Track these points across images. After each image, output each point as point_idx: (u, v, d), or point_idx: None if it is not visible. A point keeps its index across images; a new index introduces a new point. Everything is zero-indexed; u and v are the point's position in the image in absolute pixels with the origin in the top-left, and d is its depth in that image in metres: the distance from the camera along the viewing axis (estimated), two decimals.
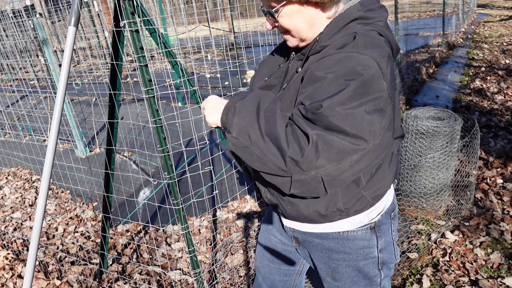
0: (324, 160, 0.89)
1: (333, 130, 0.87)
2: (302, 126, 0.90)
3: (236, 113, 0.99)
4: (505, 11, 14.22)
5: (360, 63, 0.89)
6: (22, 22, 6.54)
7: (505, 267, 2.18)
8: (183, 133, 3.84)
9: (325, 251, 1.20)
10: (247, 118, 0.97)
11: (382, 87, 0.90)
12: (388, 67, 0.93)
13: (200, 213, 3.03)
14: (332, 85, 0.89)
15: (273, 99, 1.01)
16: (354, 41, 0.94)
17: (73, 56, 4.72)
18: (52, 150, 1.27)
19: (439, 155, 2.53)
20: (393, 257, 1.23)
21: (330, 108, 0.86)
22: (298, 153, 0.89)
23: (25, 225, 3.26)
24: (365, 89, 0.88)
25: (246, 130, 0.96)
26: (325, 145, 0.88)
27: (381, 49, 0.93)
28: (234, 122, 0.98)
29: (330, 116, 0.87)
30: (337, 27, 1.00)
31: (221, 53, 9.79)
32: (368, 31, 0.97)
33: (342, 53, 0.92)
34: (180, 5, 6.33)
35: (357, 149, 0.89)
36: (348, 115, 0.86)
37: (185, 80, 1.76)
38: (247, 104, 1.00)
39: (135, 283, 2.38)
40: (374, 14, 1.02)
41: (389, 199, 1.20)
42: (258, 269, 1.50)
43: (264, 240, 1.45)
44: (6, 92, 6.69)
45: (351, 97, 0.87)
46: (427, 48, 8.26)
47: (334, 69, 0.90)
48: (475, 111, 4.54)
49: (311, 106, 0.91)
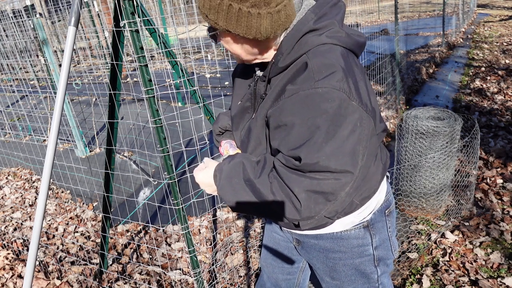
0: (321, 206, 0.93)
1: (319, 171, 0.90)
2: (288, 183, 0.93)
3: (222, 193, 1.04)
4: (505, 11, 14.22)
5: (323, 99, 0.87)
6: (22, 22, 6.54)
7: (505, 267, 2.18)
8: (183, 133, 3.84)
9: (322, 251, 1.21)
10: (234, 196, 1.02)
11: (353, 109, 0.89)
12: (351, 82, 0.90)
13: (200, 213, 3.03)
14: (303, 130, 0.90)
15: (243, 166, 1.02)
16: (308, 71, 0.91)
17: (73, 56, 4.72)
18: (52, 150, 1.27)
19: (439, 155, 2.53)
20: (390, 253, 1.23)
21: (309, 157, 0.89)
22: (295, 212, 0.94)
23: (25, 225, 3.26)
24: (336, 125, 0.87)
25: (241, 207, 1.02)
26: (315, 194, 0.91)
27: (338, 70, 0.89)
28: (226, 201, 1.04)
29: (312, 164, 0.89)
30: (290, 45, 0.96)
31: (221, 53, 9.78)
32: (321, 48, 0.94)
33: (302, 91, 0.90)
34: (180, 5, 6.33)
35: (345, 184, 0.92)
36: (328, 156, 0.88)
37: (185, 80, 1.76)
38: (226, 184, 1.03)
39: (135, 283, 2.38)
40: (326, 21, 0.96)
41: (381, 197, 1.19)
42: (263, 268, 1.52)
43: (267, 239, 1.46)
44: (6, 92, 6.68)
45: (324, 139, 0.88)
46: (427, 48, 8.26)
47: (299, 113, 0.90)
48: (475, 111, 4.54)
49: (290, 155, 0.93)
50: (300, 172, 0.92)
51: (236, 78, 1.24)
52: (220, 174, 1.05)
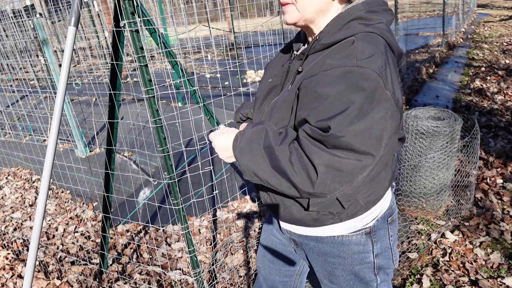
0: (336, 185, 0.91)
1: (342, 149, 0.89)
2: (309, 154, 0.91)
3: (239, 156, 1.03)
4: (505, 11, 14.22)
5: (362, 78, 0.88)
6: (22, 22, 6.54)
7: (505, 267, 2.18)
8: (183, 133, 3.84)
9: (321, 254, 1.20)
10: (251, 161, 1.00)
11: (386, 97, 0.90)
12: (389, 74, 0.93)
13: (200, 213, 3.03)
14: (336, 103, 0.89)
15: (266, 133, 1.01)
16: (352, 49, 0.93)
17: (73, 56, 4.72)
18: (52, 150, 1.27)
19: (439, 155, 2.53)
20: (391, 263, 1.22)
21: (339, 129, 0.87)
22: (309, 185, 0.92)
23: (25, 225, 3.26)
24: (370, 105, 0.88)
25: (255, 172, 1.00)
26: (334, 171, 0.90)
27: (380, 57, 0.92)
28: (241, 164, 1.02)
29: (339, 137, 0.88)
30: (337, 26, 0.99)
31: (221, 53, 9.78)
32: (369, 34, 0.96)
33: (342, 67, 0.91)
34: (180, 5, 6.33)
35: (366, 166, 0.91)
36: (356, 133, 0.87)
37: (185, 80, 1.77)
38: (245, 147, 1.02)
39: (135, 283, 2.38)
40: (376, 16, 1.00)
41: (385, 204, 1.19)
42: (259, 270, 1.50)
43: (265, 240, 1.45)
44: (6, 92, 6.68)
45: (357, 115, 0.87)
46: (427, 48, 8.26)
47: (336, 86, 0.90)
48: (475, 111, 4.54)
49: (318, 126, 0.91)
50: (323, 146, 0.91)
51: (269, 65, 1.27)
52: (242, 137, 1.04)
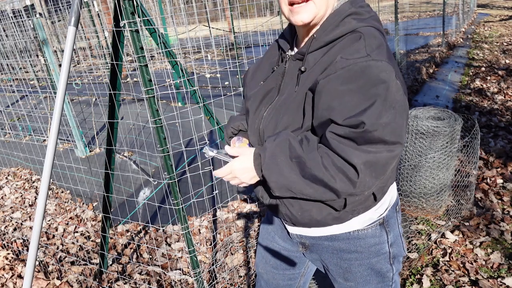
0: (374, 180, 0.94)
1: (373, 143, 0.90)
2: (343, 154, 0.92)
3: (267, 174, 1.00)
4: (505, 11, 14.23)
5: (380, 70, 0.90)
6: (22, 22, 6.54)
7: (505, 267, 2.18)
8: (183, 133, 3.84)
9: (336, 252, 1.20)
10: (281, 176, 0.98)
11: (399, 86, 0.93)
12: (394, 62, 0.96)
13: (200, 213, 3.03)
14: (362, 98, 0.90)
15: (289, 144, 0.99)
16: (363, 44, 0.94)
17: (73, 56, 4.72)
18: (52, 150, 1.27)
19: (439, 155, 2.53)
20: (402, 250, 1.24)
21: (372, 123, 0.89)
22: (349, 185, 0.93)
23: (25, 225, 3.26)
24: (392, 96, 0.91)
25: (287, 186, 0.99)
26: (372, 167, 0.92)
27: (387, 51, 0.95)
28: (271, 181, 1.00)
29: (372, 132, 0.89)
30: (333, 23, 1.00)
31: (221, 53, 9.79)
32: (368, 28, 0.98)
33: (360, 62, 0.92)
34: (180, 5, 6.34)
35: (395, 156, 0.94)
36: (386, 125, 0.89)
37: (185, 80, 1.76)
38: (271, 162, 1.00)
39: (135, 283, 2.38)
40: (366, 10, 1.03)
41: (394, 193, 1.22)
42: (261, 275, 1.47)
43: (266, 247, 1.43)
44: (6, 92, 6.68)
45: (384, 107, 0.90)
46: (427, 48, 8.27)
47: (358, 81, 0.91)
48: (475, 111, 4.54)
49: (348, 124, 0.91)
50: (354, 144, 0.91)
51: (250, 74, 1.26)
52: (264, 153, 1.01)
